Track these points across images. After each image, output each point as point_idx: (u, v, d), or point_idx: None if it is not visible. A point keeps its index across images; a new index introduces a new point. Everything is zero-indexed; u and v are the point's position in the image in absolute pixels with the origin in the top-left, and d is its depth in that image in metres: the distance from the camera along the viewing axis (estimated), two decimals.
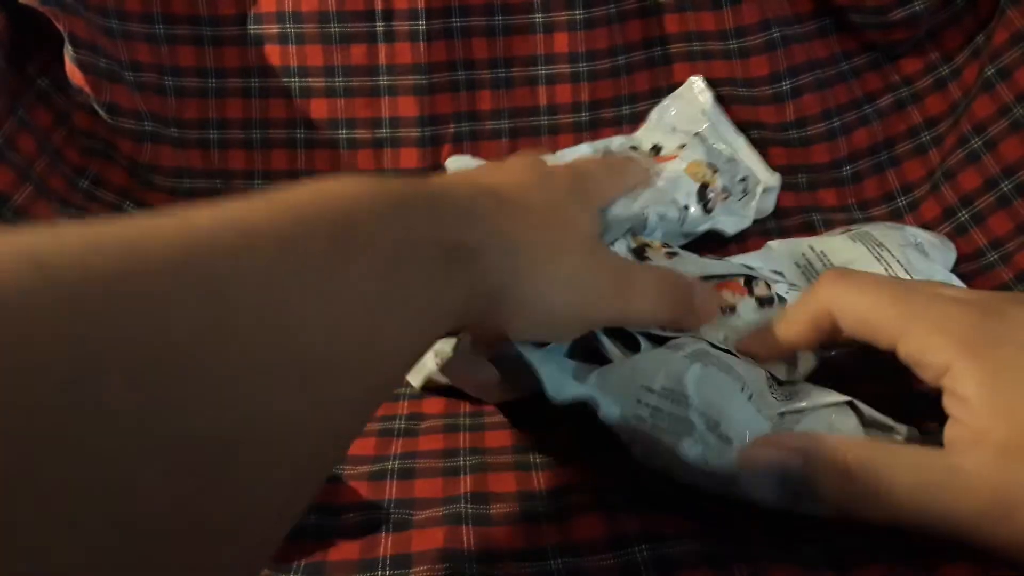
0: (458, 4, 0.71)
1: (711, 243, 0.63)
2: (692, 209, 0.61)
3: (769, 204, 0.67)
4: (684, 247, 0.57)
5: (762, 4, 0.70)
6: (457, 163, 0.66)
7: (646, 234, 0.56)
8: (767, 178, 0.68)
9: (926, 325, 0.34)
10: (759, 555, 0.35)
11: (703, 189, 0.62)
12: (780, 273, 0.54)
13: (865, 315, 0.36)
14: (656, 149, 0.65)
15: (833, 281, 0.38)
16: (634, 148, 0.67)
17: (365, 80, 0.71)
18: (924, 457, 0.33)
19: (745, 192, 0.65)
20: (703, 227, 0.62)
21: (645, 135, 0.69)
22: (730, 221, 0.64)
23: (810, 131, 0.71)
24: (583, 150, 0.67)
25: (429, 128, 0.72)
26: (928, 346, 0.34)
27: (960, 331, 0.34)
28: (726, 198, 0.63)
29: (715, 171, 0.63)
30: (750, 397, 0.38)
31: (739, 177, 0.65)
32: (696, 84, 0.71)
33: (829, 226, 0.66)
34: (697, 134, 0.67)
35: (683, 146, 0.65)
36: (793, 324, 0.40)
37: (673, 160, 0.63)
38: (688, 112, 0.70)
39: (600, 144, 0.68)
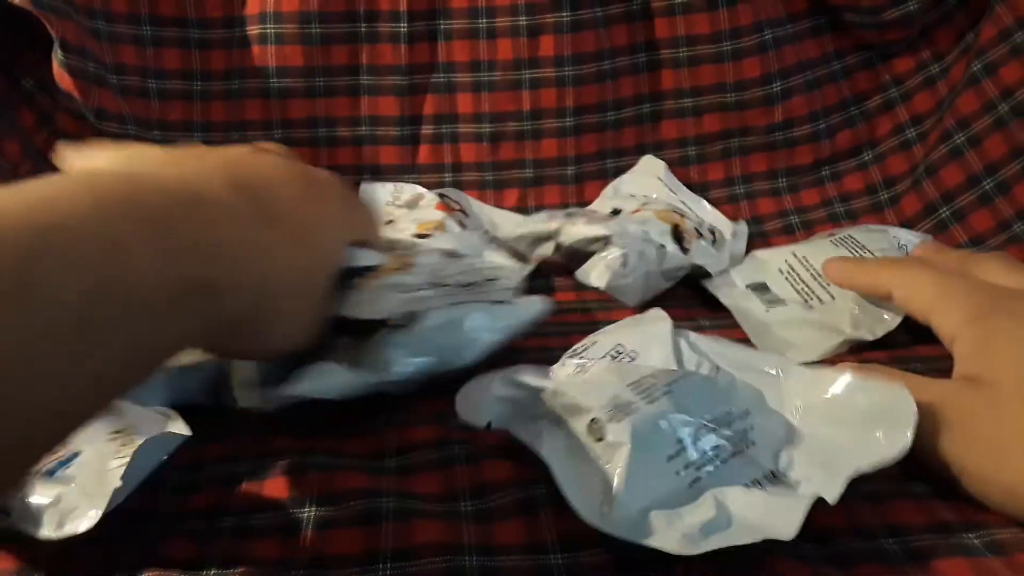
0: (441, 6, 0.71)
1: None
2: (669, 248, 0.59)
3: (740, 247, 0.65)
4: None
5: (755, 5, 0.70)
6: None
7: (628, 271, 0.57)
8: (733, 228, 0.67)
9: (949, 304, 0.43)
10: (763, 551, 0.34)
11: (675, 229, 0.61)
12: (763, 285, 0.57)
13: (912, 297, 0.46)
14: (616, 212, 0.65)
15: (904, 267, 0.49)
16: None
17: (345, 80, 0.71)
18: (925, 381, 0.39)
19: (714, 241, 0.64)
20: (684, 268, 0.60)
21: (601, 204, 0.69)
22: (710, 261, 0.61)
23: (796, 132, 0.71)
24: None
25: (408, 127, 0.72)
26: (946, 319, 0.43)
27: (969, 307, 0.42)
28: (699, 237, 0.62)
29: (682, 215, 0.63)
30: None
31: (707, 227, 0.64)
32: (649, 159, 0.72)
33: (807, 227, 0.67)
34: (655, 198, 0.67)
35: (645, 204, 0.65)
36: (858, 278, 0.51)
37: (640, 211, 0.63)
38: (643, 181, 0.70)
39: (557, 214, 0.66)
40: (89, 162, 0.40)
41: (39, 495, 0.35)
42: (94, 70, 0.66)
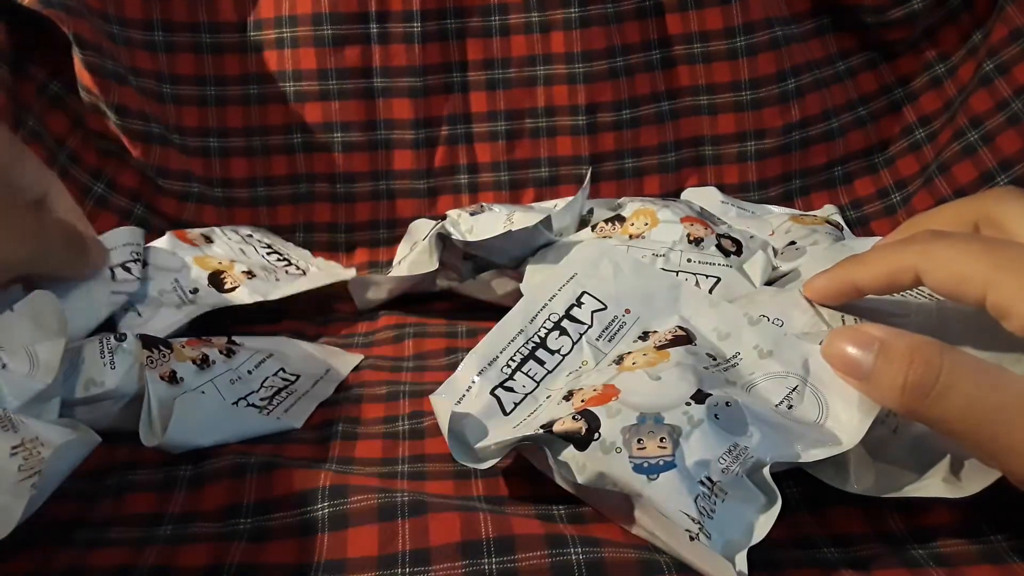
0: (453, 5, 0.71)
1: None
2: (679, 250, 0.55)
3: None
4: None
5: (764, 1, 0.70)
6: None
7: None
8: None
9: (1017, 275, 0.34)
10: (782, 560, 0.35)
11: (699, 242, 0.56)
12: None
13: (956, 268, 0.36)
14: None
15: (926, 239, 0.38)
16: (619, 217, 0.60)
17: (359, 82, 0.71)
18: (996, 376, 0.33)
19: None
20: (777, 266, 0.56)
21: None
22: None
23: (811, 132, 0.71)
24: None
25: (424, 130, 0.72)
26: (1018, 296, 0.34)
27: None
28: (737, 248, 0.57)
29: (707, 227, 0.57)
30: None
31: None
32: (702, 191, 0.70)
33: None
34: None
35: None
36: (870, 270, 0.40)
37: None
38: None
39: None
40: None
41: None
42: (112, 67, 0.66)
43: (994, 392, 0.33)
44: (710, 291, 0.51)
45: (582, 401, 0.39)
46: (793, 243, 0.57)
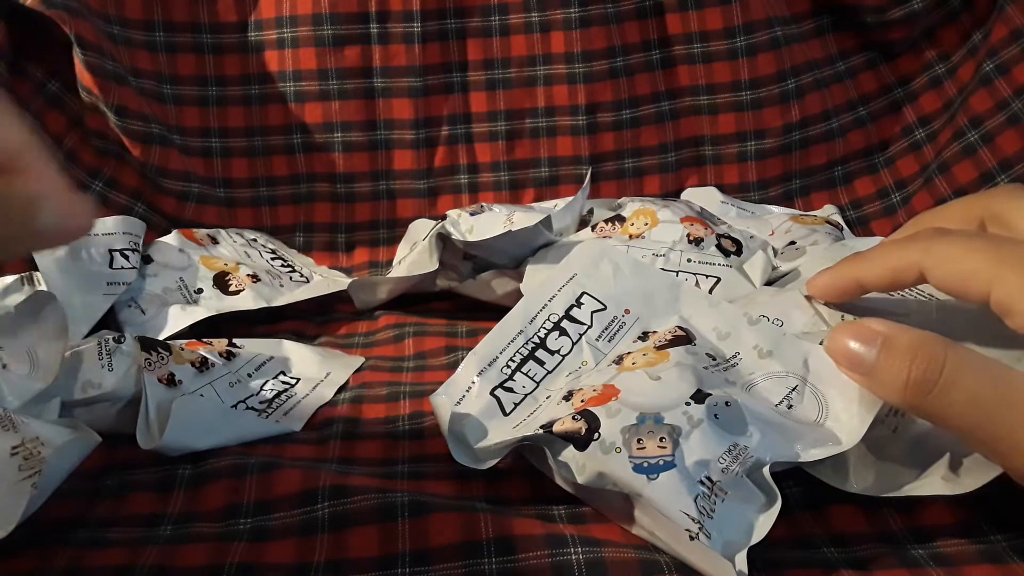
0: (453, 5, 0.71)
1: None
2: (679, 250, 0.55)
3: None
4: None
5: (764, 1, 0.70)
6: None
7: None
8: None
9: (1021, 272, 0.34)
10: (781, 560, 0.35)
11: (698, 242, 0.56)
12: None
13: (959, 266, 0.36)
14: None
15: (930, 237, 0.38)
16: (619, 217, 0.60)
17: (359, 82, 0.71)
18: (999, 372, 0.33)
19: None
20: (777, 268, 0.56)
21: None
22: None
23: (812, 132, 0.71)
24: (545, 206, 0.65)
25: (424, 130, 0.72)
26: (1022, 293, 0.34)
27: None
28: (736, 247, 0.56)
29: (707, 227, 0.57)
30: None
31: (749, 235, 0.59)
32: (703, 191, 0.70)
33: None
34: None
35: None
36: (873, 267, 0.39)
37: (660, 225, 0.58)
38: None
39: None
40: None
41: None
42: (112, 68, 0.66)
43: (997, 388, 0.33)
44: (710, 291, 0.51)
45: (582, 401, 0.39)
46: (793, 243, 0.57)
